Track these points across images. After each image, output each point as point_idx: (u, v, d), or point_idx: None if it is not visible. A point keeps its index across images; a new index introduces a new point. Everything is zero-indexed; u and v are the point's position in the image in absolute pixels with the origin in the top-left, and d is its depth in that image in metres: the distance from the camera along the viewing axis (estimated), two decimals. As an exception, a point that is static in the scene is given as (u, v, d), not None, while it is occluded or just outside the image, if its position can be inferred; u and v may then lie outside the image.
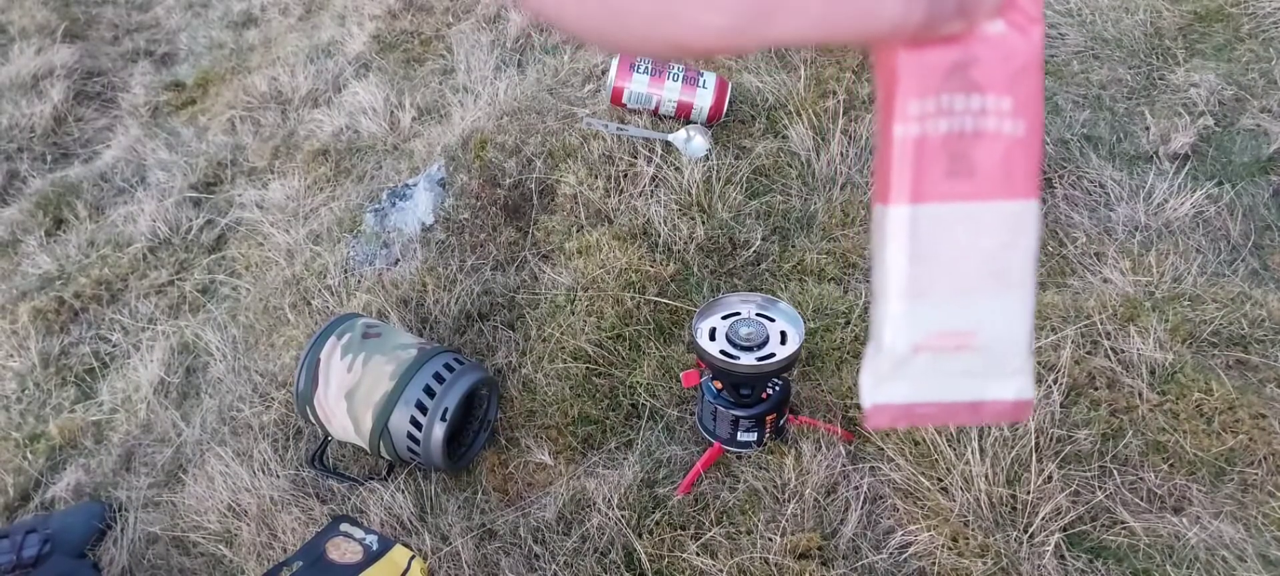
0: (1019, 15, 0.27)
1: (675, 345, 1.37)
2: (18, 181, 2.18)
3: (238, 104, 2.24)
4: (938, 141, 0.28)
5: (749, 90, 1.70)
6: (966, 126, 0.27)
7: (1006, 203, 0.28)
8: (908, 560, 1.08)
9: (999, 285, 0.29)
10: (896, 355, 0.30)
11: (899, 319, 0.29)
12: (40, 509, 1.44)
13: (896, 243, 0.29)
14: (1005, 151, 0.28)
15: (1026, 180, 0.29)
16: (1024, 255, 0.29)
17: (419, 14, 2.37)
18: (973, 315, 0.29)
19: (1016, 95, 0.27)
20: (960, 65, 0.27)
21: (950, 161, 0.28)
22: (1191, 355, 1.20)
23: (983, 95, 0.27)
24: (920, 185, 0.28)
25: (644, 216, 1.51)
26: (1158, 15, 1.78)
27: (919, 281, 0.29)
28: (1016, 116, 0.27)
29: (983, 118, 0.27)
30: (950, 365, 0.29)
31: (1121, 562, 1.04)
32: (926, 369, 0.30)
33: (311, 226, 1.76)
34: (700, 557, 1.10)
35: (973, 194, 0.28)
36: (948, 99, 0.27)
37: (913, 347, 0.29)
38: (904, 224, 0.29)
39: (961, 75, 0.27)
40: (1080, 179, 1.52)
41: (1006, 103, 0.27)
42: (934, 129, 0.28)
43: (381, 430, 1.22)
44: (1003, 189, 0.28)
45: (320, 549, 1.13)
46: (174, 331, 1.67)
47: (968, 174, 0.28)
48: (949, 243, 0.28)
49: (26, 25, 2.64)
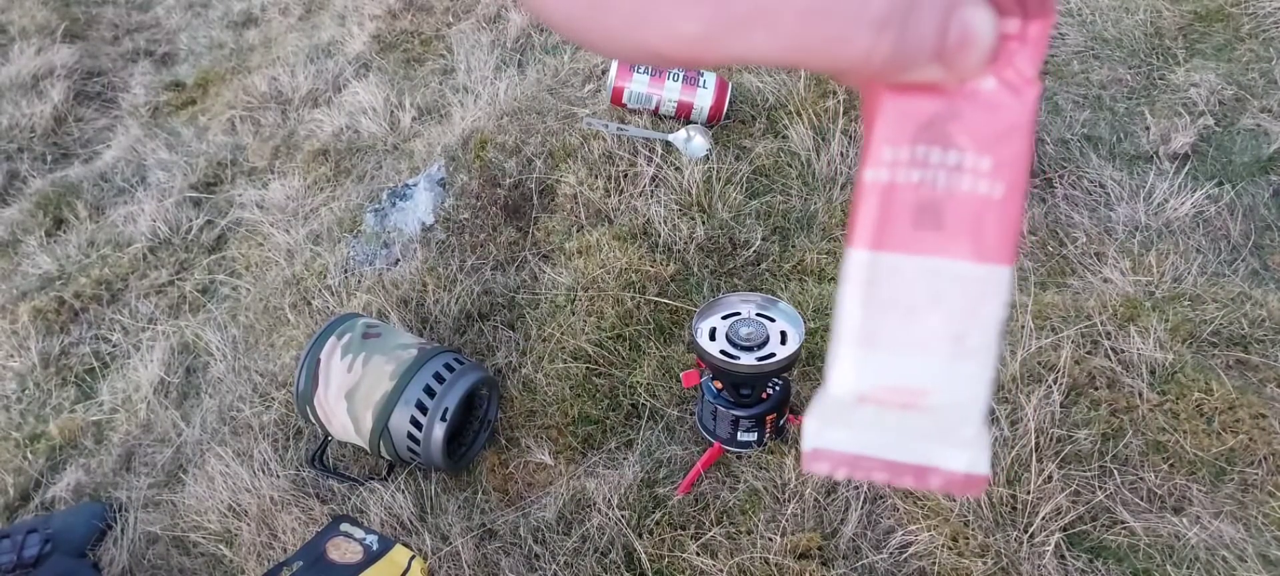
0: (1013, 74, 0.26)
1: (675, 345, 1.37)
2: (18, 181, 2.18)
3: (238, 104, 2.24)
4: (908, 191, 0.27)
5: (749, 90, 1.70)
6: (939, 181, 0.26)
7: (973, 264, 0.27)
8: (908, 560, 1.08)
9: (956, 349, 0.27)
10: (841, 402, 0.28)
11: (846, 365, 0.28)
12: (40, 509, 1.44)
13: (853, 286, 0.28)
14: (977, 212, 0.26)
15: (998, 245, 0.27)
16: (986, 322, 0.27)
17: (419, 14, 2.37)
18: (924, 374, 0.28)
19: (997, 156, 0.26)
20: (941, 117, 0.26)
21: (918, 213, 0.27)
22: (1192, 355, 1.20)
23: (960, 152, 0.26)
24: (883, 232, 0.27)
25: (644, 216, 1.51)
26: (1158, 15, 1.77)
27: (871, 330, 0.28)
28: (995, 177, 0.26)
29: (957, 175, 0.26)
30: (897, 422, 0.28)
31: (1121, 562, 1.04)
32: (871, 421, 0.28)
33: (311, 226, 1.76)
34: (700, 557, 1.10)
35: (937, 249, 0.27)
36: (923, 150, 0.26)
37: (858, 397, 0.28)
38: (862, 268, 0.28)
39: (940, 128, 0.26)
40: (1080, 179, 1.52)
41: (986, 162, 0.26)
42: (905, 177, 0.27)
43: (381, 430, 1.22)
44: (971, 250, 0.27)
45: (320, 549, 1.13)
46: (174, 331, 1.67)
47: (934, 227, 0.27)
48: (907, 295, 0.27)
49: (26, 25, 2.64)
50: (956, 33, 0.24)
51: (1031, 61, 0.26)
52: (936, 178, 0.27)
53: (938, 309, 0.27)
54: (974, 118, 0.26)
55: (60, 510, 1.39)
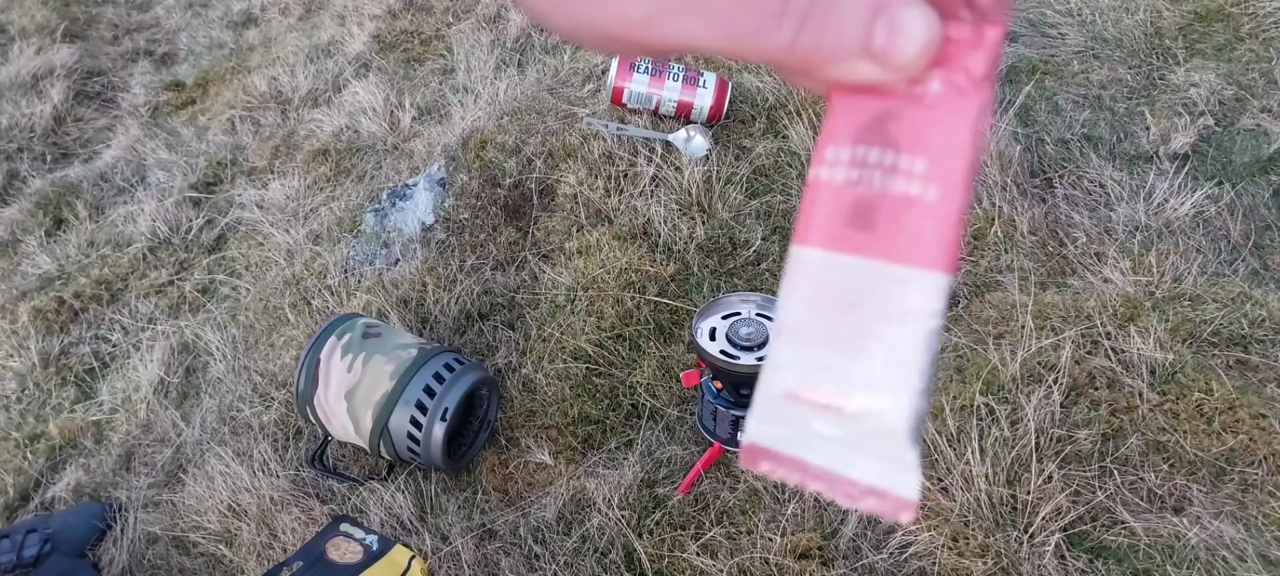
0: (962, 77, 0.25)
1: (675, 345, 1.37)
2: (18, 181, 2.18)
3: (238, 104, 2.24)
4: (846, 189, 0.26)
5: (749, 90, 1.70)
6: (875, 181, 0.26)
7: (901, 267, 0.26)
8: (908, 560, 1.08)
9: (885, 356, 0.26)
10: (769, 396, 0.28)
11: (778, 358, 0.28)
12: (40, 509, 1.44)
13: (790, 281, 0.28)
14: (911, 214, 0.26)
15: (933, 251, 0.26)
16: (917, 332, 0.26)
17: (419, 14, 2.37)
18: (847, 378, 0.27)
19: (933, 158, 0.26)
20: (882, 117, 0.26)
21: (852, 212, 0.26)
22: (1192, 355, 1.20)
23: (897, 152, 0.26)
24: (821, 229, 0.27)
25: (644, 216, 1.51)
26: (1158, 15, 1.77)
27: (801, 325, 0.27)
28: (928, 180, 0.26)
29: (891, 175, 0.26)
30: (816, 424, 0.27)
31: (1122, 562, 1.04)
32: (793, 419, 0.28)
33: (311, 226, 1.76)
34: (700, 557, 1.10)
35: (868, 249, 0.26)
36: (862, 150, 0.26)
37: (784, 392, 0.28)
38: (799, 263, 0.27)
39: (881, 128, 0.26)
40: (1080, 179, 1.52)
41: (919, 164, 0.26)
42: (845, 176, 0.26)
43: (381, 430, 1.22)
44: (903, 253, 0.26)
45: (320, 549, 1.13)
46: (174, 331, 1.67)
47: (867, 227, 0.26)
48: (838, 294, 0.27)
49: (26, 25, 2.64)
50: (883, 30, 0.24)
51: (983, 65, 0.25)
52: (872, 177, 0.26)
53: (865, 310, 0.27)
54: (914, 119, 0.26)
55: (60, 510, 1.39)
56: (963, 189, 0.26)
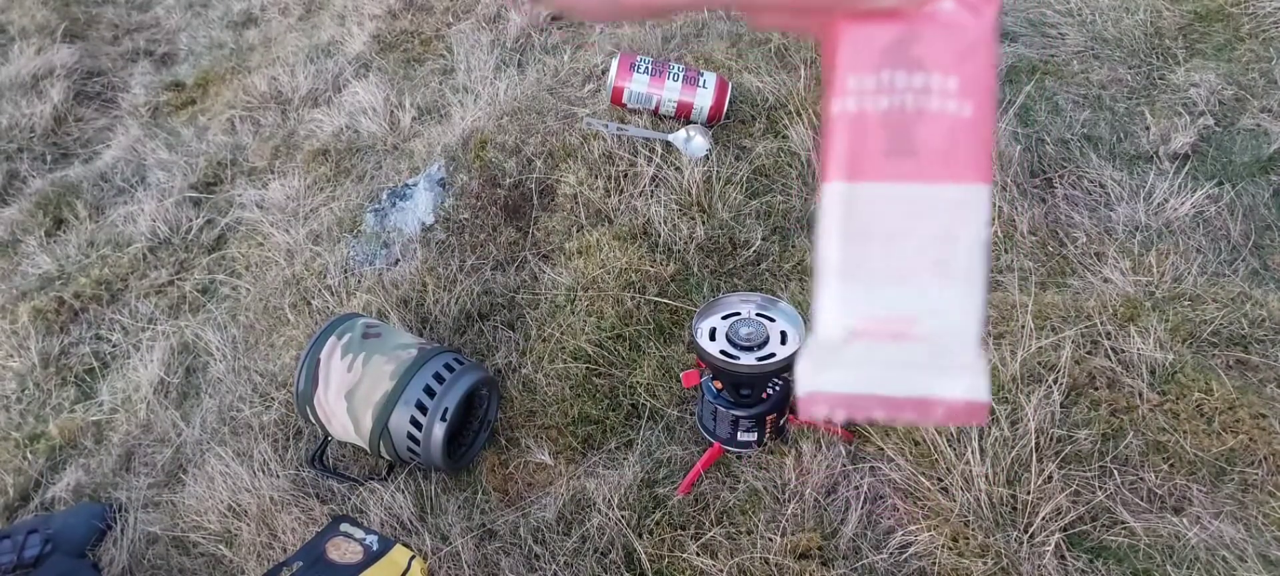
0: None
1: (675, 345, 1.37)
2: (18, 181, 2.18)
3: (238, 104, 2.24)
4: (876, 118, 0.26)
5: (749, 90, 1.70)
6: (908, 104, 0.26)
7: (950, 186, 0.26)
8: (908, 560, 1.08)
9: (941, 274, 0.26)
10: (831, 340, 0.28)
11: (832, 301, 0.27)
12: (40, 509, 1.44)
13: (831, 220, 0.27)
14: (949, 132, 0.26)
15: (973, 164, 0.26)
16: (969, 244, 0.27)
17: (419, 14, 2.37)
18: (912, 302, 0.27)
19: (964, 75, 0.25)
20: (902, 41, 0.25)
21: (890, 139, 0.26)
22: (1191, 355, 1.20)
23: (927, 73, 0.25)
24: (857, 162, 0.26)
25: (644, 216, 1.51)
26: (1158, 15, 1.77)
27: (853, 262, 0.27)
28: (963, 97, 0.26)
29: (925, 96, 0.26)
30: (889, 355, 0.27)
31: (1122, 562, 1.04)
32: (864, 357, 0.27)
33: (311, 226, 1.76)
34: (700, 557, 1.10)
35: (913, 175, 0.26)
36: (888, 75, 0.26)
37: (847, 333, 0.27)
38: (838, 201, 0.27)
39: (903, 51, 0.25)
40: (1080, 179, 1.52)
41: (952, 82, 0.26)
42: (873, 105, 0.26)
43: (381, 430, 1.22)
44: (946, 171, 0.26)
45: (320, 549, 1.13)
46: (174, 331, 1.67)
47: (908, 153, 0.26)
48: (886, 224, 0.26)
49: (26, 25, 2.64)
50: None
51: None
52: (905, 101, 0.26)
53: (917, 235, 0.26)
54: (936, 39, 0.25)
55: (60, 510, 1.39)
56: (992, 100, 0.26)
